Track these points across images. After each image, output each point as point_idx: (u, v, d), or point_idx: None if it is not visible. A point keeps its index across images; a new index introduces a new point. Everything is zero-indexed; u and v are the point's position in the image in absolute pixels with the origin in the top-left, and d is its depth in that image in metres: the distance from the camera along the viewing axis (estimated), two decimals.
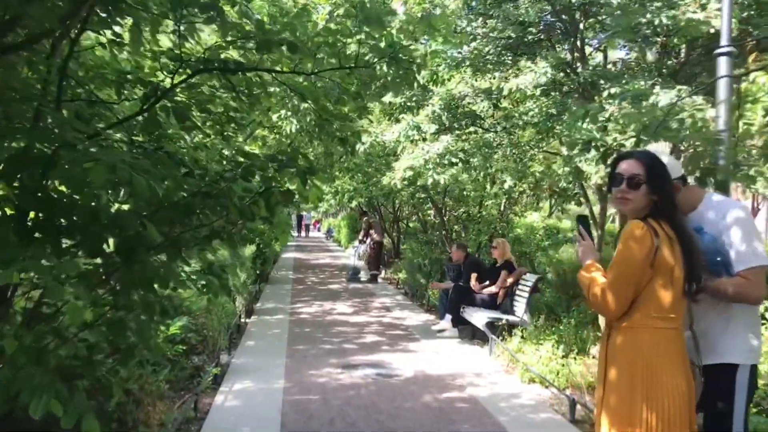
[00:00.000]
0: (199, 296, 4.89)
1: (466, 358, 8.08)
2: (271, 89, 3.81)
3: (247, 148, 3.91)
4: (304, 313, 11.39)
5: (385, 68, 3.34)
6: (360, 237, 19.53)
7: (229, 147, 3.58)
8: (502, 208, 12.71)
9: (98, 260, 2.93)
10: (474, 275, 9.56)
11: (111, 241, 2.96)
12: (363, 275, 17.01)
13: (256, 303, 12.37)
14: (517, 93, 5.50)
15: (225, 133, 3.62)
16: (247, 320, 10.51)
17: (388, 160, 13.63)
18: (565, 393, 6.30)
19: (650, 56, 6.85)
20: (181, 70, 3.17)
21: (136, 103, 3.32)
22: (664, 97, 5.41)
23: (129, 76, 3.20)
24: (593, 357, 7.22)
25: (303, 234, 42.53)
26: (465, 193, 13.41)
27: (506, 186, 6.50)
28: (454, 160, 6.37)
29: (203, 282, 4.05)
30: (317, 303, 12.73)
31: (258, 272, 14.22)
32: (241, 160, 3.02)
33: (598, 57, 7.58)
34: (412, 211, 19.58)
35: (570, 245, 12.00)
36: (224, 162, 3.26)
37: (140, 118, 3.20)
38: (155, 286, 2.84)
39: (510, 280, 9.09)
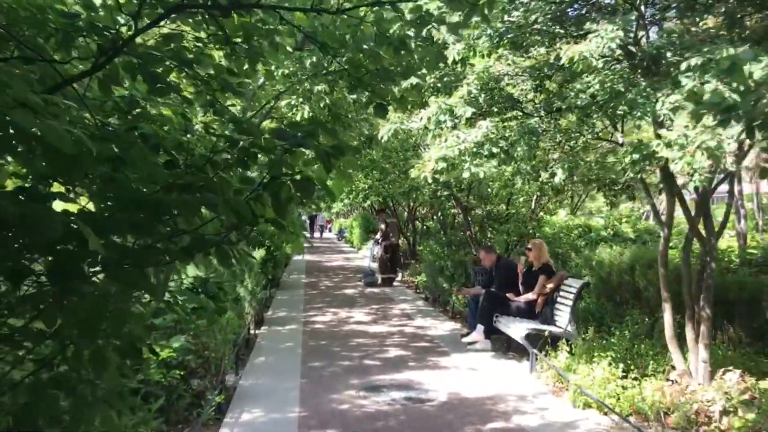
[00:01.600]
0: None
1: (504, 376, 7.11)
2: (280, 40, 2.86)
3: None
4: (318, 323, 10.45)
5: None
6: (377, 237, 18.48)
7: (222, 124, 2.65)
8: (532, 205, 11.71)
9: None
10: (521, 265, 8.62)
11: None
12: (378, 278, 16.06)
13: (267, 311, 11.46)
14: (579, 64, 4.52)
15: (217, 105, 2.68)
16: (257, 331, 9.59)
17: (407, 155, 12.68)
18: (630, 421, 5.34)
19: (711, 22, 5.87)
20: (148, 10, 2.24)
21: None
22: (756, 66, 4.44)
23: (80, 23, 2.27)
24: (654, 376, 6.23)
25: (317, 235, 41.19)
26: (489, 189, 12.43)
27: (557, 179, 5.51)
28: (494, 150, 5.39)
29: (194, 306, 3.13)
30: (332, 310, 11.79)
31: (269, 277, 13.29)
32: (237, 137, 2.09)
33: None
34: (430, 211, 18.59)
35: (606, 245, 10.96)
36: (213, 139, 2.32)
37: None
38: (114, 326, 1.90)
39: (550, 286, 8.10)
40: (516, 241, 11.10)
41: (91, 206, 2.39)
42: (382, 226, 16.58)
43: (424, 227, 19.47)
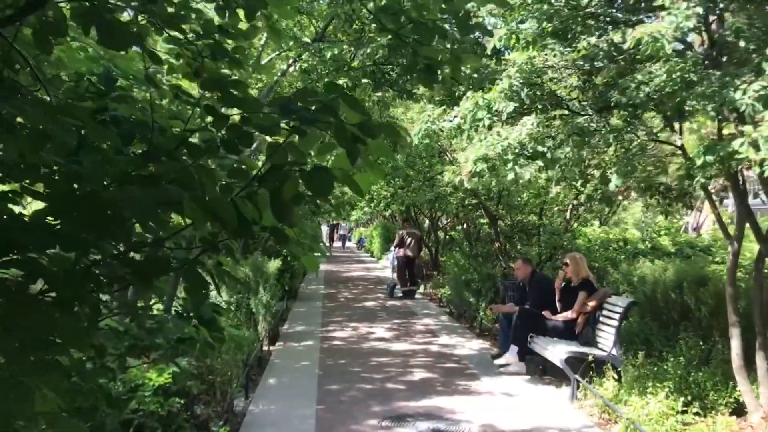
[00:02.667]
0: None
1: (542, 405, 6.39)
2: None
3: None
4: (337, 339, 9.79)
5: None
6: (393, 245, 17.70)
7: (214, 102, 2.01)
8: (567, 215, 10.96)
9: None
10: (558, 281, 7.88)
11: None
12: (398, 290, 15.38)
13: (283, 325, 10.81)
14: (648, 47, 3.84)
15: (204, 76, 2.05)
16: (272, 347, 8.95)
17: (431, 161, 12.03)
18: None
19: None
20: None
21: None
22: None
23: None
24: (714, 409, 5.49)
25: (338, 245, 40.10)
26: (519, 199, 11.72)
27: (612, 186, 4.81)
28: (540, 149, 4.72)
29: (181, 336, 2.50)
30: (352, 324, 11.13)
31: (286, 288, 12.65)
32: (222, 111, 1.45)
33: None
34: (451, 221, 17.88)
35: (645, 259, 10.17)
36: (188, 114, 1.69)
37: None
38: None
39: (591, 304, 7.36)
40: (549, 254, 10.34)
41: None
42: (402, 232, 15.79)
43: (447, 237, 18.74)
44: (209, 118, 1.48)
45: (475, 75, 5.36)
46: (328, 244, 37.73)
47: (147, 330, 2.50)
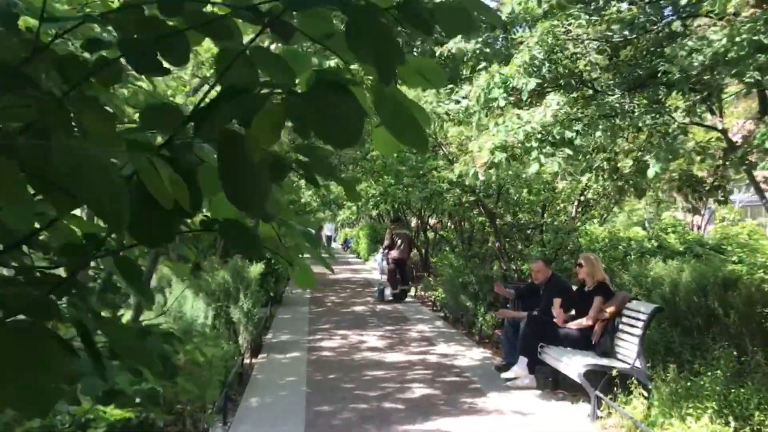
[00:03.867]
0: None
1: (560, 425, 5.66)
2: None
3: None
4: (325, 349, 9.00)
5: None
6: (384, 246, 16.90)
7: None
8: (573, 213, 10.24)
9: None
10: (558, 300, 7.12)
11: None
12: (388, 293, 14.62)
13: (266, 334, 10.00)
14: (714, 1, 3.12)
15: None
16: (254, 360, 8.16)
17: (424, 157, 11.26)
18: None
19: None
20: None
21: None
22: None
23: None
24: None
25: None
26: (519, 195, 11.00)
27: (650, 173, 4.09)
28: (568, 134, 3.98)
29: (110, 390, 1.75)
30: (341, 332, 10.34)
31: (270, 294, 11.83)
32: None
33: None
34: (444, 220, 17.14)
35: (655, 259, 9.48)
36: None
37: None
38: None
39: (610, 310, 6.62)
40: (554, 254, 9.61)
41: None
42: (392, 233, 15.01)
43: (437, 236, 17.97)
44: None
45: (487, 50, 4.59)
46: None
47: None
